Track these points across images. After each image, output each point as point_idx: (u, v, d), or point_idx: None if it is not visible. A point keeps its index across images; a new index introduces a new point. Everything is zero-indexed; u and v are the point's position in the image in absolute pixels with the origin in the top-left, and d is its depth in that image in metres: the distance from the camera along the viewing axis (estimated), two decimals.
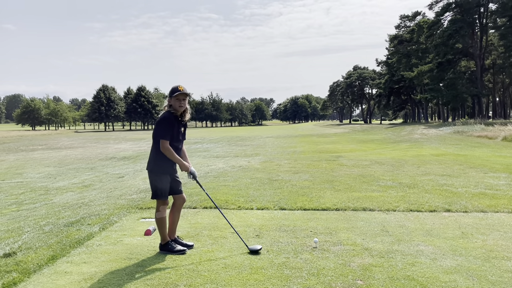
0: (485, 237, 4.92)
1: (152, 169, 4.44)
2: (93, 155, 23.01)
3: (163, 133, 4.32)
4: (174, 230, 4.66)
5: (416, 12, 76.50)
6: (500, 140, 25.33)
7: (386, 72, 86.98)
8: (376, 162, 12.92)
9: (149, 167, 4.48)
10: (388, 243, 4.70)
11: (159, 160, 4.39)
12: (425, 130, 38.50)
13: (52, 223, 6.05)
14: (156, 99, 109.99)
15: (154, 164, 4.43)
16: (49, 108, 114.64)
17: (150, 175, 4.49)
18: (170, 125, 4.34)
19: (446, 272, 3.83)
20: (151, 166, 4.46)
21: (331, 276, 3.75)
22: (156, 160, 4.41)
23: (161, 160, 4.38)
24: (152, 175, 4.46)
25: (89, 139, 45.80)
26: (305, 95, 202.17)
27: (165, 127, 4.32)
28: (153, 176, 4.45)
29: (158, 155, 4.38)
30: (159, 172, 4.43)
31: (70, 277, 3.82)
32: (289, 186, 8.58)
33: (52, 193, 10.46)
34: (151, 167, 4.46)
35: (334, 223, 5.63)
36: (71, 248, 4.65)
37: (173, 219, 4.65)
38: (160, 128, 4.33)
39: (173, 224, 4.66)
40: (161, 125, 4.34)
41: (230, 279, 3.73)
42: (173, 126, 4.37)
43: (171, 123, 4.36)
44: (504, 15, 50.53)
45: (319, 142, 30.19)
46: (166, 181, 4.46)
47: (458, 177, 9.46)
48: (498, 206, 6.49)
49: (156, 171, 4.43)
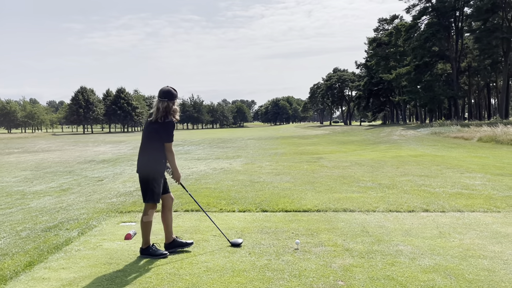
0: (462, 236, 5.04)
1: (154, 172, 4.36)
2: (71, 158, 22.57)
3: (172, 136, 4.40)
4: (171, 231, 4.64)
5: (394, 15, 77.99)
6: (476, 141, 26.00)
7: (366, 74, 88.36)
8: (356, 163, 13.08)
9: (150, 169, 4.37)
10: (368, 244, 4.76)
11: (161, 163, 4.39)
12: (403, 132, 39.21)
13: (29, 228, 5.91)
14: (136, 101, 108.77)
15: (157, 166, 4.37)
16: (26, 110, 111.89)
17: (149, 178, 4.37)
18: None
19: (425, 271, 3.91)
20: (152, 168, 4.36)
21: (312, 278, 3.78)
22: (159, 163, 4.38)
23: (163, 163, 4.41)
24: (151, 178, 4.36)
25: (67, 142, 44.92)
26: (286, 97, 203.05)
27: (173, 131, 4.40)
28: (151, 179, 4.36)
29: (160, 158, 4.37)
30: (159, 175, 4.40)
31: (48, 283, 3.74)
32: (271, 188, 8.61)
33: (29, 197, 10.20)
34: (153, 169, 4.36)
35: (315, 224, 5.67)
36: (49, 254, 4.55)
37: (169, 220, 4.61)
38: (172, 131, 4.39)
39: (169, 226, 4.62)
40: (173, 129, 4.39)
41: (212, 282, 3.71)
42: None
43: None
44: (479, 18, 52.00)
45: (300, 143, 30.37)
46: (161, 184, 4.45)
47: (435, 178, 9.66)
48: (474, 205, 6.66)
49: (157, 174, 4.38)
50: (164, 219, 4.61)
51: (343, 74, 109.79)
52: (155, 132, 4.37)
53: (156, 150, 4.38)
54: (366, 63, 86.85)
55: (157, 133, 4.36)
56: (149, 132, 4.43)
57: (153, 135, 4.39)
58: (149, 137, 4.42)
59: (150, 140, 4.40)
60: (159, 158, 4.39)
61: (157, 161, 4.38)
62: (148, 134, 4.43)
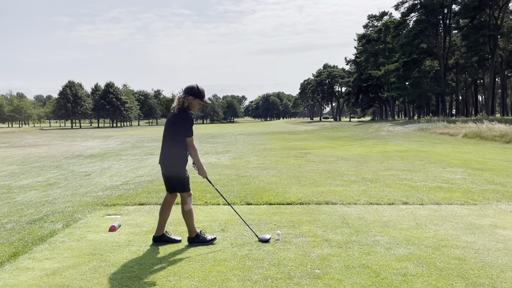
0: (438, 227, 5.21)
1: (177, 164, 4.51)
2: (58, 153, 22.43)
3: (192, 131, 4.52)
4: (164, 226, 4.76)
5: (383, 12, 78.41)
6: (461, 137, 26.44)
7: (355, 70, 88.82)
8: (342, 158, 13.27)
9: (173, 162, 4.52)
10: (347, 235, 4.91)
11: (185, 156, 4.54)
12: (391, 128, 39.63)
13: (14, 221, 5.95)
14: (125, 96, 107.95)
15: (179, 160, 4.51)
16: (12, 104, 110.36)
17: (174, 171, 4.53)
18: (193, 124, 4.57)
19: (399, 260, 4.06)
20: (175, 161, 4.51)
21: (291, 266, 3.92)
22: (182, 156, 4.51)
23: (186, 155, 4.55)
24: (177, 170, 4.52)
25: (55, 137, 44.53)
26: (276, 93, 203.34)
27: (192, 126, 4.53)
28: (180, 169, 4.52)
29: (183, 151, 4.50)
30: (183, 166, 4.54)
31: (32, 273, 3.82)
32: (257, 182, 8.73)
33: (15, 191, 10.19)
34: (176, 163, 4.51)
35: (298, 216, 5.81)
36: (33, 245, 4.62)
37: (165, 216, 4.76)
38: (190, 127, 4.50)
39: (164, 221, 4.75)
40: (190, 124, 4.50)
41: (193, 271, 3.83)
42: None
43: (193, 122, 4.60)
44: (466, 16, 52.58)
45: (290, 139, 30.55)
46: (186, 173, 4.61)
47: (418, 172, 9.88)
48: (452, 198, 6.86)
49: (181, 165, 4.52)
50: (162, 213, 4.74)
51: (333, 70, 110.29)
52: (172, 123, 4.54)
53: (177, 144, 4.50)
54: (355, 59, 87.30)
55: (174, 125, 4.52)
56: (168, 121, 4.62)
57: (170, 126, 4.55)
58: (167, 128, 4.59)
59: (169, 132, 4.56)
60: (182, 152, 4.51)
61: (180, 154, 4.51)
62: (167, 124, 4.62)
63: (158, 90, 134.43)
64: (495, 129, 25.30)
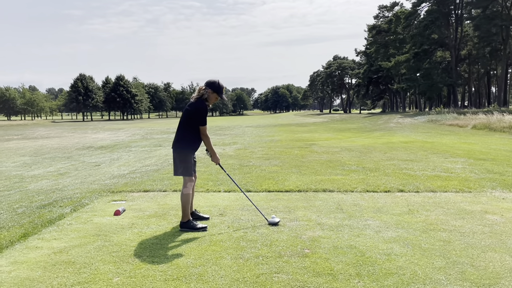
0: (429, 213, 5.39)
1: (184, 147, 4.85)
2: (70, 145, 22.91)
3: (205, 120, 4.83)
4: (192, 205, 5.10)
5: (394, 2, 77.55)
6: (470, 128, 26.30)
7: (365, 62, 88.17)
8: (346, 149, 13.42)
9: (181, 145, 4.86)
10: (340, 219, 5.12)
11: (192, 142, 4.88)
12: (400, 119, 39.46)
13: (25, 206, 6.28)
14: (135, 89, 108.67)
15: (187, 144, 4.85)
16: (25, 97, 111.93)
17: (181, 153, 4.86)
18: (207, 114, 4.89)
19: (386, 241, 4.27)
20: (183, 144, 4.85)
21: (282, 246, 4.14)
22: (190, 141, 4.86)
23: (194, 142, 4.89)
24: (184, 152, 4.85)
25: (67, 129, 45.23)
26: (286, 85, 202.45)
27: (206, 116, 4.85)
28: (184, 153, 4.85)
29: (193, 138, 4.85)
30: (189, 151, 4.87)
31: (41, 251, 4.11)
32: (258, 171, 8.95)
33: (27, 181, 10.56)
34: (183, 145, 4.85)
35: (294, 202, 6.03)
36: (42, 227, 4.92)
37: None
38: (204, 116, 4.82)
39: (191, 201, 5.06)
40: (204, 114, 4.83)
41: (190, 250, 4.08)
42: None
43: (207, 112, 4.92)
44: (478, 6, 51.80)
45: (297, 131, 30.65)
46: (191, 159, 4.92)
47: (419, 162, 10.00)
48: (448, 186, 7.00)
49: (187, 149, 4.85)
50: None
51: (343, 62, 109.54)
52: (188, 111, 4.85)
53: (188, 131, 4.84)
54: (365, 50, 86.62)
55: (189, 114, 4.82)
56: (184, 110, 4.93)
57: (186, 114, 4.86)
58: (183, 116, 4.92)
59: (184, 119, 4.89)
60: (191, 138, 4.85)
61: (189, 140, 4.85)
62: (184, 112, 4.94)
63: (168, 83, 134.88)
64: (504, 120, 25.11)
